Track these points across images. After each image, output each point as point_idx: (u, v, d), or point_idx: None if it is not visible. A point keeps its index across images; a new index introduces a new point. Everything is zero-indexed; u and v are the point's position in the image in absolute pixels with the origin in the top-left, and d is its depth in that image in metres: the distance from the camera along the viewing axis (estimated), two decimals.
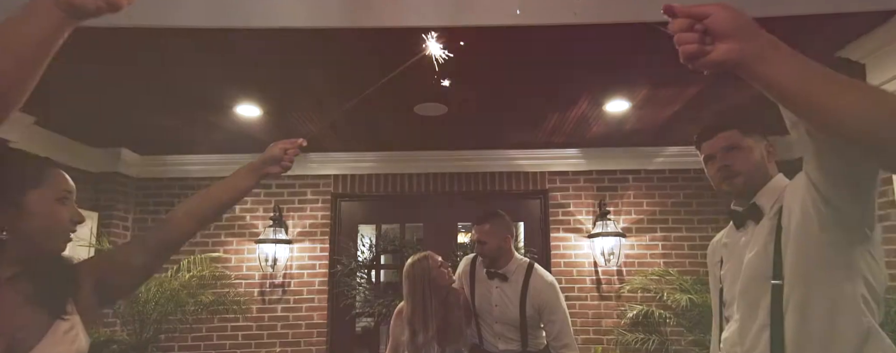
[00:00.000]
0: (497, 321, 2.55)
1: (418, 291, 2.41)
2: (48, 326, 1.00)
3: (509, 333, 2.53)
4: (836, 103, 0.68)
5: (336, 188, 4.26)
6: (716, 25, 0.70)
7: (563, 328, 2.46)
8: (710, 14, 0.71)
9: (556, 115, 3.47)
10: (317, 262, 4.15)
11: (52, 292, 1.03)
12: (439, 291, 2.45)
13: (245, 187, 1.30)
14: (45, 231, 1.05)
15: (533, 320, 2.50)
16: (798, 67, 0.70)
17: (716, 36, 0.71)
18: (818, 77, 0.70)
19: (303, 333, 4.04)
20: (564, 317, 2.49)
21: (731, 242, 1.46)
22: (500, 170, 4.26)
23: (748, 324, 1.32)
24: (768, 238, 1.30)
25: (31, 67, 0.74)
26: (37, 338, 0.98)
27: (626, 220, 4.15)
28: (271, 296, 4.08)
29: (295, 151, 1.33)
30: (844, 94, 0.69)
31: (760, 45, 0.71)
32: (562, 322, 2.47)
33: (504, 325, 2.54)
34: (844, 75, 0.69)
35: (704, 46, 0.71)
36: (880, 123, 0.67)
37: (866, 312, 1.18)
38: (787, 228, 1.25)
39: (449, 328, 2.45)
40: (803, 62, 0.70)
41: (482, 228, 2.52)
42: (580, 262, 4.13)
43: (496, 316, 2.54)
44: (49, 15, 0.74)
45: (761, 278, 1.30)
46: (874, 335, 1.18)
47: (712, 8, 0.71)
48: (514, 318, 2.50)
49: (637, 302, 3.94)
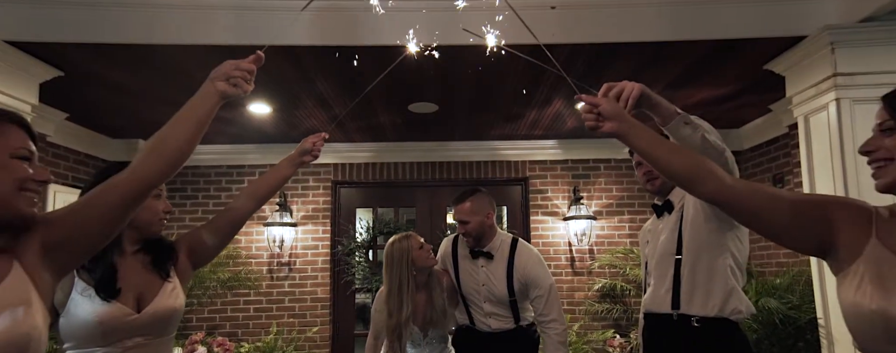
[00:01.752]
0: (486, 301, 2.47)
1: (395, 271, 2.36)
2: (160, 286, 1.43)
3: (500, 311, 2.47)
4: (667, 160, 1.18)
5: (335, 176, 4.68)
6: (604, 112, 1.22)
7: (549, 301, 2.40)
8: (600, 105, 1.22)
9: (534, 111, 3.90)
10: (319, 243, 4.60)
11: (161, 262, 1.46)
12: (420, 272, 2.40)
13: (288, 174, 1.72)
14: None
15: (521, 294, 2.44)
16: (647, 138, 1.20)
17: (604, 117, 1.21)
18: (658, 144, 1.19)
19: (308, 306, 4.51)
20: (551, 290, 2.42)
21: (652, 228, 1.94)
22: (484, 159, 4.71)
23: (659, 287, 1.81)
24: (674, 226, 1.78)
25: (201, 130, 1.17)
26: (153, 294, 1.41)
27: (597, 204, 4.63)
28: (279, 274, 4.53)
29: (321, 143, 1.75)
30: (671, 154, 1.18)
31: (627, 124, 1.21)
32: (548, 296, 2.40)
33: (494, 304, 2.47)
34: (674, 142, 1.18)
35: (599, 122, 1.22)
36: (688, 169, 1.17)
37: (732, 277, 1.68)
38: (686, 218, 1.72)
39: (432, 311, 2.40)
40: (650, 135, 1.19)
41: (462, 207, 2.44)
42: (556, 242, 4.62)
43: (485, 296, 2.47)
44: (213, 99, 1.18)
45: (669, 255, 1.78)
46: (735, 293, 1.69)
47: (602, 101, 1.23)
48: (503, 295, 2.43)
49: (605, 277, 4.44)
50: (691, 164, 1.15)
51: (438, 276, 2.53)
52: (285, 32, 2.55)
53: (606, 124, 1.20)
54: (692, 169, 1.15)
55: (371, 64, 2.83)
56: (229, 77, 1.20)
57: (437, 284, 2.47)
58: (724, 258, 1.67)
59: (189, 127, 1.15)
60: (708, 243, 1.67)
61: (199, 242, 1.57)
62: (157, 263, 1.45)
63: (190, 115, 1.16)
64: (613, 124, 1.20)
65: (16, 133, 1.00)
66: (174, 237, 1.60)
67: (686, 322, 1.72)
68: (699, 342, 1.70)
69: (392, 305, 2.34)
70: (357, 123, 4.10)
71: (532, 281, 2.41)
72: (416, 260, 2.38)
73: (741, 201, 1.12)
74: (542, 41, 2.63)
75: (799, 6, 2.61)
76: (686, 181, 1.17)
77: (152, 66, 2.86)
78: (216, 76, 1.21)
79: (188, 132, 1.14)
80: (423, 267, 2.41)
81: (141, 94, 3.30)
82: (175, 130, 1.14)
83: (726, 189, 1.12)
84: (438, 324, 2.42)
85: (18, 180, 0.97)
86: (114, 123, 3.96)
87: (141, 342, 1.36)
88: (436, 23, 2.56)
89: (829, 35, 2.52)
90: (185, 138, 1.14)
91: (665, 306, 1.76)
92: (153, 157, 1.10)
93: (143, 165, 1.09)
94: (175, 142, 1.13)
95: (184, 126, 1.15)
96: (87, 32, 2.50)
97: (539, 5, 2.63)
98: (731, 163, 1.52)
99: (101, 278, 1.33)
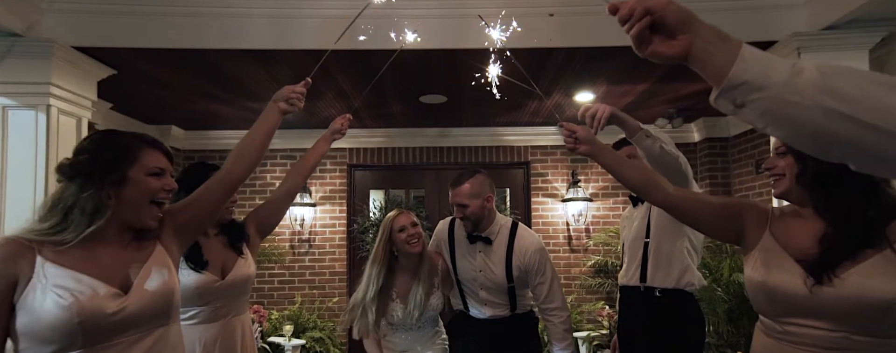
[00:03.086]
0: (482, 288, 2.32)
1: (378, 244, 2.29)
2: (236, 260, 1.83)
3: (496, 298, 2.33)
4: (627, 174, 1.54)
5: (350, 159, 5.06)
6: (580, 137, 1.59)
7: (552, 289, 2.28)
8: (577, 131, 1.59)
9: (534, 102, 4.23)
10: (336, 221, 5.01)
11: (235, 242, 1.86)
12: (405, 256, 2.28)
13: (324, 150, 2.05)
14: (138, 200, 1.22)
15: (520, 282, 2.31)
16: (611, 157, 1.57)
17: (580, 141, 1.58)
18: (619, 163, 1.56)
19: (327, 279, 4.94)
20: (553, 277, 2.30)
21: (628, 216, 2.32)
22: (489, 145, 5.06)
23: (631, 265, 2.19)
24: (644, 215, 2.15)
25: (269, 139, 1.53)
26: (232, 265, 1.81)
27: (593, 186, 4.98)
28: (300, 249, 4.95)
29: (347, 122, 2.07)
30: (630, 170, 1.53)
31: (597, 147, 1.58)
32: (550, 283, 2.28)
33: (490, 291, 2.32)
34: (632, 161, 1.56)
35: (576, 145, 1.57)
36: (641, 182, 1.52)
37: (688, 257, 2.06)
38: (653, 209, 2.09)
39: (415, 295, 2.26)
40: (613, 155, 1.55)
41: (460, 190, 2.26)
42: (555, 221, 4.99)
43: (481, 283, 2.32)
44: (275, 115, 1.55)
45: (639, 239, 2.15)
46: (690, 270, 2.08)
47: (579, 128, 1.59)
48: (501, 283, 2.28)
49: (599, 254, 4.83)
50: (644, 178, 1.51)
51: (433, 259, 2.36)
52: (311, 38, 2.89)
53: (581, 147, 1.56)
54: (644, 182, 1.51)
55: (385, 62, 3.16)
56: (287, 98, 1.57)
57: (430, 269, 2.32)
58: (682, 242, 2.05)
59: (260, 137, 1.53)
60: (669, 230, 2.05)
61: (262, 218, 1.97)
62: (233, 242, 1.86)
63: (260, 128, 1.54)
64: (587, 147, 1.57)
65: (151, 154, 1.26)
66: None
67: (651, 293, 2.11)
68: (661, 309, 2.10)
69: (365, 282, 2.27)
70: (371, 112, 4.45)
71: (532, 268, 2.27)
72: (396, 241, 2.24)
73: (680, 206, 1.48)
74: (542, 45, 2.97)
75: (771, 14, 2.92)
76: (640, 190, 1.54)
77: (193, 66, 3.21)
78: (277, 98, 1.58)
79: (260, 141, 1.53)
80: (403, 251, 2.26)
81: (179, 88, 3.66)
82: (252, 140, 1.52)
83: (669, 197, 1.48)
84: (422, 310, 2.26)
85: (150, 193, 1.24)
86: (151, 112, 4.34)
87: (226, 302, 1.78)
88: (444, 29, 2.90)
89: (796, 41, 2.83)
90: (259, 146, 1.53)
91: (635, 280, 2.15)
92: (240, 161, 1.48)
93: (233, 168, 1.46)
94: (253, 149, 1.51)
95: (257, 137, 1.53)
96: (139, 38, 2.84)
97: (539, 13, 2.95)
98: (685, 165, 1.88)
99: (190, 254, 1.71)
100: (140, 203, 1.23)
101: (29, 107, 2.66)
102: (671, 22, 0.73)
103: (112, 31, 2.81)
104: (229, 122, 4.71)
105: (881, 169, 0.69)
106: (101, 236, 1.19)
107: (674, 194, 1.48)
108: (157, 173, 1.27)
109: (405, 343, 2.34)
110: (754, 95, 0.68)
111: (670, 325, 2.08)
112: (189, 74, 3.38)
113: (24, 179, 2.62)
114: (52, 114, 2.70)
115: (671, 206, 1.47)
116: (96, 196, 1.16)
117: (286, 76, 3.50)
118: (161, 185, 1.26)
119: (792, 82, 0.66)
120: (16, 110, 2.65)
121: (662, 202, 1.48)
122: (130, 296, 1.16)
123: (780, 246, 1.30)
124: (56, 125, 2.73)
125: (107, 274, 1.16)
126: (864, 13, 2.64)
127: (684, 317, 2.08)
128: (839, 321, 1.18)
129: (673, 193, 1.48)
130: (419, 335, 2.34)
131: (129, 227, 1.25)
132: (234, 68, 3.29)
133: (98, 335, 1.11)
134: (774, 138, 1.37)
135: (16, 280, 1.10)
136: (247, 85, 3.66)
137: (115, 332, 1.13)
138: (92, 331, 1.10)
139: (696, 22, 0.73)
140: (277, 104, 1.56)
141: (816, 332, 1.20)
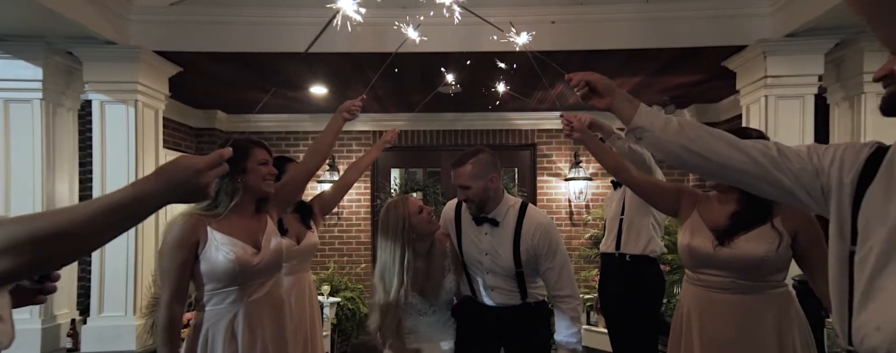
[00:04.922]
0: (488, 272, 2.18)
1: (390, 241, 2.07)
2: (306, 231, 2.42)
3: (505, 284, 2.18)
4: (604, 159, 2.08)
5: (374, 141, 5.61)
6: (575, 127, 2.10)
7: (563, 274, 2.12)
8: (574, 123, 2.11)
9: (540, 91, 4.74)
10: (361, 197, 5.59)
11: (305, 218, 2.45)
12: (421, 240, 2.11)
13: (376, 155, 2.63)
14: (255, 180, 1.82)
15: (529, 267, 2.15)
16: (596, 145, 2.10)
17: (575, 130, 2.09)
18: (601, 150, 2.08)
19: (353, 248, 5.56)
20: (564, 264, 2.13)
21: (611, 197, 2.90)
22: (499, 128, 5.59)
23: (610, 236, 2.78)
24: (621, 196, 2.70)
25: (335, 140, 2.11)
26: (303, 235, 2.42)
27: (593, 167, 5.50)
28: (329, 222, 5.56)
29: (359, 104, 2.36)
30: (606, 156, 2.08)
31: (586, 136, 2.09)
32: (561, 268, 2.12)
33: (497, 276, 2.17)
34: (610, 150, 2.06)
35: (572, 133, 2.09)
36: (613, 165, 2.08)
37: (652, 230, 2.63)
38: (628, 191, 2.64)
39: (430, 283, 2.13)
40: (598, 144, 2.09)
41: (462, 171, 2.11)
42: (559, 199, 5.54)
43: (487, 267, 2.17)
44: (340, 122, 2.15)
45: (617, 216, 2.72)
46: (653, 240, 2.67)
47: (575, 120, 2.09)
48: (509, 267, 2.14)
49: (597, 228, 5.38)
50: (616, 163, 2.06)
51: (441, 240, 2.22)
52: (344, 42, 3.42)
53: (575, 134, 2.10)
54: (616, 166, 2.06)
55: (409, 62, 3.70)
56: (349, 109, 2.17)
57: (440, 252, 2.18)
58: (648, 218, 2.64)
59: (329, 138, 2.15)
60: (639, 209, 2.63)
61: (325, 201, 2.58)
62: (303, 218, 2.46)
63: (329, 131, 2.15)
64: (579, 135, 2.11)
65: (259, 151, 1.85)
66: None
67: (623, 258, 2.70)
68: (630, 271, 2.68)
69: (387, 282, 2.05)
70: (393, 100, 4.98)
71: (542, 251, 2.11)
72: (416, 226, 2.07)
73: (640, 186, 2.02)
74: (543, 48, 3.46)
75: (741, 22, 3.38)
76: (612, 171, 2.08)
77: (247, 65, 3.77)
78: (341, 109, 2.20)
79: (329, 141, 2.15)
80: (425, 233, 2.10)
81: (232, 82, 4.22)
82: (323, 140, 2.12)
83: (633, 179, 2.02)
84: (436, 295, 2.15)
85: (261, 175, 1.84)
86: (201, 99, 4.92)
87: (299, 261, 2.40)
88: (463, 34, 3.40)
89: (762, 46, 3.30)
90: (328, 144, 2.15)
91: (612, 247, 2.74)
92: (315, 156, 2.10)
93: (310, 161, 2.08)
94: (324, 147, 2.12)
95: (327, 138, 2.13)
96: (206, 43, 3.39)
97: (542, 21, 3.44)
98: (649, 160, 2.44)
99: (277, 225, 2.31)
100: (257, 182, 1.82)
101: (121, 102, 3.25)
102: (600, 88, 1.27)
103: (184, 38, 3.37)
104: (266, 107, 5.27)
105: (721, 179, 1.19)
106: (238, 210, 1.77)
107: (636, 177, 2.03)
108: (264, 163, 1.85)
109: (422, 328, 2.17)
110: (645, 134, 1.20)
111: (637, 283, 2.67)
112: (242, 71, 3.94)
113: (120, 161, 3.23)
114: (138, 107, 3.29)
115: (634, 185, 2.03)
116: (232, 182, 1.74)
117: (323, 72, 4.05)
118: (267, 170, 1.85)
119: (665, 128, 1.18)
120: (110, 105, 3.24)
121: (628, 181, 2.04)
122: (262, 253, 1.76)
123: (702, 220, 1.84)
124: (141, 116, 3.32)
125: (247, 238, 1.76)
126: (820, 23, 3.10)
127: (648, 276, 2.67)
128: (730, 271, 1.73)
129: (635, 175, 2.03)
130: (434, 321, 2.19)
131: (254, 201, 1.83)
132: (281, 66, 3.84)
133: (246, 278, 1.72)
134: None
135: (198, 241, 1.69)
136: (290, 78, 4.21)
137: (255, 276, 1.74)
138: (243, 275, 1.70)
139: (615, 89, 1.26)
140: (342, 114, 2.18)
141: (716, 278, 1.76)
